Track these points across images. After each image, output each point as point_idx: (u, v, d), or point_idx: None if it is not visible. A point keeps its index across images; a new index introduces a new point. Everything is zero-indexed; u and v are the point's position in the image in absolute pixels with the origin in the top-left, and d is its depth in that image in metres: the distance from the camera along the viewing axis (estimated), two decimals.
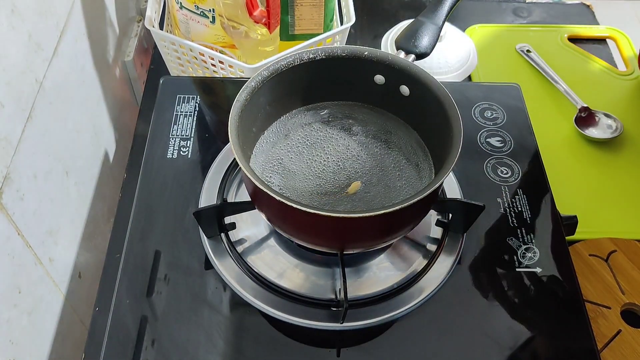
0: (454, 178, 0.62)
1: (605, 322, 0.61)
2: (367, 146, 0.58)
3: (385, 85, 0.57)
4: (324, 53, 0.55)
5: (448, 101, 0.51)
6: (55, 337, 0.60)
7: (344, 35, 0.79)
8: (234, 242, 0.57)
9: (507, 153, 0.65)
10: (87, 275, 0.68)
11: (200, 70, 0.78)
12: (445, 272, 0.55)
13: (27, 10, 0.55)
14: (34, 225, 0.55)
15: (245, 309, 0.53)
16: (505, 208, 0.61)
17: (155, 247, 0.56)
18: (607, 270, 0.64)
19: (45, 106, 0.58)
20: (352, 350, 0.51)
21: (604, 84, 0.88)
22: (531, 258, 0.57)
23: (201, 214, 0.54)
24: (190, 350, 0.50)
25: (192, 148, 0.64)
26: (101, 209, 0.73)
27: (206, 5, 0.73)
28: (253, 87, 0.52)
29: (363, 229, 0.49)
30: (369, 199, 0.54)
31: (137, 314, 0.52)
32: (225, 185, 0.61)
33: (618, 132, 0.80)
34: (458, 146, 0.48)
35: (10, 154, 0.51)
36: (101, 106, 0.75)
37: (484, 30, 0.95)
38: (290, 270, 0.55)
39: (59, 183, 0.61)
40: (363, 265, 0.56)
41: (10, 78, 0.51)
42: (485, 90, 0.72)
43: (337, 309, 0.52)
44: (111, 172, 0.77)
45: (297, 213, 0.45)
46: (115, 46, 0.80)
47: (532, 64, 0.89)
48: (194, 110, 0.67)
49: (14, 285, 0.52)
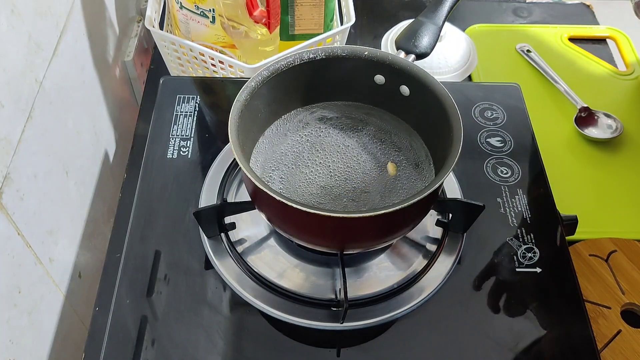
0: (454, 178, 0.62)
1: (605, 322, 0.61)
2: (367, 146, 0.58)
3: (385, 85, 0.57)
4: (324, 53, 0.55)
5: (448, 101, 0.51)
6: (55, 337, 0.60)
7: (344, 35, 0.79)
8: (234, 242, 0.57)
9: (507, 153, 0.65)
10: (87, 275, 0.68)
11: (200, 70, 0.78)
12: (445, 272, 0.55)
13: (27, 10, 0.55)
14: (34, 225, 0.55)
15: (245, 309, 0.53)
16: (505, 208, 0.61)
17: (155, 247, 0.56)
18: (607, 270, 0.64)
19: (45, 106, 0.58)
20: (352, 350, 0.51)
21: (604, 84, 0.88)
22: (531, 258, 0.57)
23: (201, 214, 0.54)
24: (190, 350, 0.50)
25: (192, 148, 0.64)
26: (101, 209, 0.73)
27: (206, 5, 0.73)
28: (253, 87, 0.52)
29: (363, 229, 0.49)
30: (369, 198, 0.54)
31: (137, 314, 0.52)
32: (225, 185, 0.61)
33: (618, 132, 0.80)
34: (458, 146, 0.48)
35: (10, 154, 0.51)
36: (101, 106, 0.75)
37: (484, 30, 0.95)
38: (290, 270, 0.55)
39: (59, 183, 0.61)
40: (363, 265, 0.56)
41: (10, 78, 0.51)
42: (485, 90, 0.72)
43: (337, 309, 0.52)
44: (111, 172, 0.77)
45: (297, 213, 0.45)
46: (115, 46, 0.80)
47: (532, 64, 0.89)
48: (194, 110, 0.67)
49: (14, 285, 0.52)
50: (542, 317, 0.54)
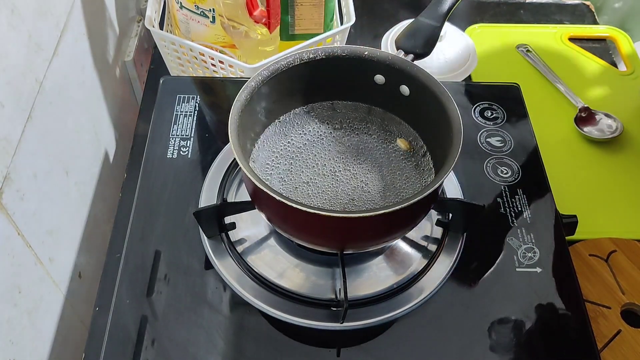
0: (454, 178, 0.62)
1: (605, 322, 0.61)
2: (367, 146, 0.58)
3: (385, 85, 0.57)
4: (324, 53, 0.55)
5: (448, 101, 0.51)
6: (55, 337, 0.60)
7: (344, 35, 0.79)
8: (234, 242, 0.57)
9: (507, 153, 0.65)
10: (87, 275, 0.68)
11: (200, 70, 0.78)
12: (445, 272, 0.55)
13: (27, 10, 0.55)
14: (34, 225, 0.55)
15: (245, 309, 0.53)
16: (505, 208, 0.61)
17: (155, 247, 0.56)
18: (607, 270, 0.64)
19: (45, 106, 0.58)
20: (352, 350, 0.51)
21: (604, 84, 0.88)
22: (531, 258, 0.57)
23: (201, 214, 0.54)
24: (190, 350, 0.50)
25: (192, 148, 0.64)
26: (101, 209, 0.73)
27: (206, 5, 0.73)
28: (253, 87, 0.52)
29: (363, 229, 0.49)
30: (369, 198, 0.54)
31: (137, 314, 0.52)
32: (225, 185, 0.61)
33: (618, 132, 0.80)
34: (458, 146, 0.48)
35: (10, 154, 0.51)
36: (101, 106, 0.75)
37: (484, 30, 0.95)
38: (290, 270, 0.55)
39: (59, 183, 0.61)
40: (363, 265, 0.56)
41: (10, 78, 0.51)
42: (485, 90, 0.72)
43: (337, 309, 0.52)
44: (111, 172, 0.77)
45: (297, 213, 0.45)
46: (115, 46, 0.80)
47: (532, 64, 0.89)
48: (194, 110, 0.67)
49: (14, 285, 0.52)
50: (542, 317, 0.54)
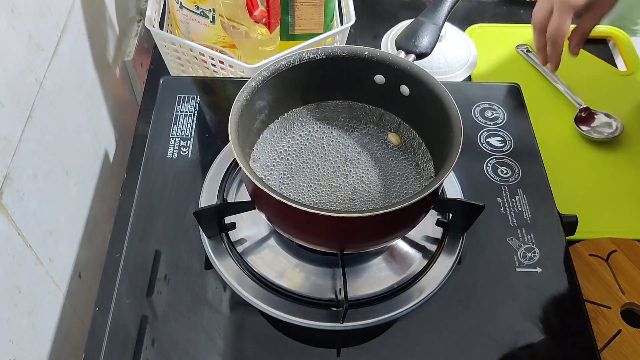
0: (454, 178, 0.62)
1: (605, 322, 0.61)
2: (366, 146, 0.58)
3: (385, 85, 0.57)
4: (324, 53, 0.55)
5: (448, 101, 0.51)
6: (55, 337, 0.60)
7: (344, 35, 0.79)
8: (234, 242, 0.57)
9: (507, 153, 0.65)
10: (87, 275, 0.68)
11: (200, 70, 0.78)
12: (445, 272, 0.55)
13: (27, 10, 0.55)
14: (34, 225, 0.55)
15: (245, 309, 0.53)
16: (505, 208, 0.61)
17: (155, 247, 0.56)
18: (607, 270, 0.64)
19: (45, 106, 0.58)
20: (352, 350, 0.51)
21: (604, 84, 0.88)
22: (531, 258, 0.57)
23: (201, 213, 0.54)
24: (190, 350, 0.50)
25: (192, 148, 0.64)
26: (101, 209, 0.73)
27: (206, 5, 0.73)
28: (253, 87, 0.52)
29: (363, 229, 0.49)
30: (369, 198, 0.54)
31: (137, 314, 0.52)
32: (225, 185, 0.61)
33: (618, 132, 0.80)
34: (458, 146, 0.48)
35: (10, 154, 0.51)
36: (101, 106, 0.75)
37: (484, 30, 0.95)
38: (290, 270, 0.55)
39: (59, 183, 0.61)
40: (363, 265, 0.56)
41: (10, 78, 0.51)
42: (485, 90, 0.72)
43: (337, 309, 0.52)
44: (111, 172, 0.77)
45: (297, 213, 0.45)
46: (115, 46, 0.80)
47: (532, 64, 0.89)
48: (194, 110, 0.67)
49: (14, 285, 0.52)
50: (542, 317, 0.54)
